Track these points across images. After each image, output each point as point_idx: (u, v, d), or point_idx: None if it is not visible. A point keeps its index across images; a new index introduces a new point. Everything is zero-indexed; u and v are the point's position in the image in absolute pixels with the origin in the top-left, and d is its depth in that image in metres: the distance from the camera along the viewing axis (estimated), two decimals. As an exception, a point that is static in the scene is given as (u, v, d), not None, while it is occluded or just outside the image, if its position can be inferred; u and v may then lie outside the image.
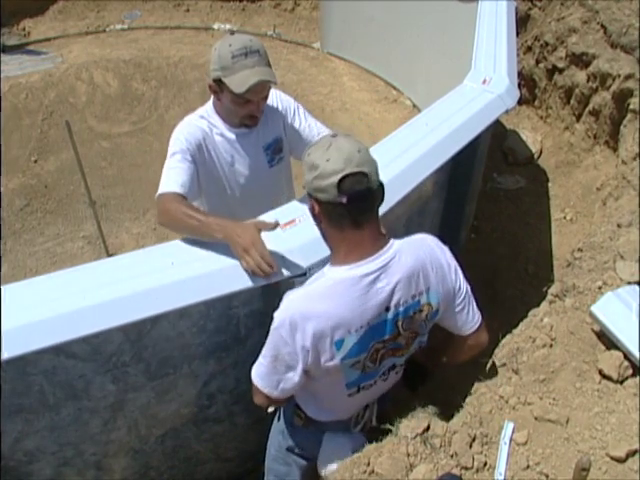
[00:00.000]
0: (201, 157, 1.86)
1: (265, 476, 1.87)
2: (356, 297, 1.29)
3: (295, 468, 1.75)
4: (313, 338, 1.29)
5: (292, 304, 1.32)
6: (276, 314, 1.34)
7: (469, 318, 1.47)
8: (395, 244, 1.34)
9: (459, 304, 1.44)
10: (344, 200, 1.23)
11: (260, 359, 1.42)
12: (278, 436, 1.76)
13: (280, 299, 1.60)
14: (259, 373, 1.42)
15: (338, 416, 1.60)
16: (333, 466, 1.53)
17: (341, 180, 1.22)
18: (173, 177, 1.74)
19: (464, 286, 1.44)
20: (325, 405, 1.58)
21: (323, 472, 1.57)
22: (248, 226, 1.51)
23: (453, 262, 1.42)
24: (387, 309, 1.33)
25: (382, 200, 1.33)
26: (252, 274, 1.52)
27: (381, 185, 1.31)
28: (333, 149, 1.24)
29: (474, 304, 1.48)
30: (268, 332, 1.38)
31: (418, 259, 1.35)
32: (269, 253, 1.48)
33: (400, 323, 1.37)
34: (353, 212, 1.26)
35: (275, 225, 1.51)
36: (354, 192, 1.23)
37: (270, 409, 1.74)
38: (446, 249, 1.43)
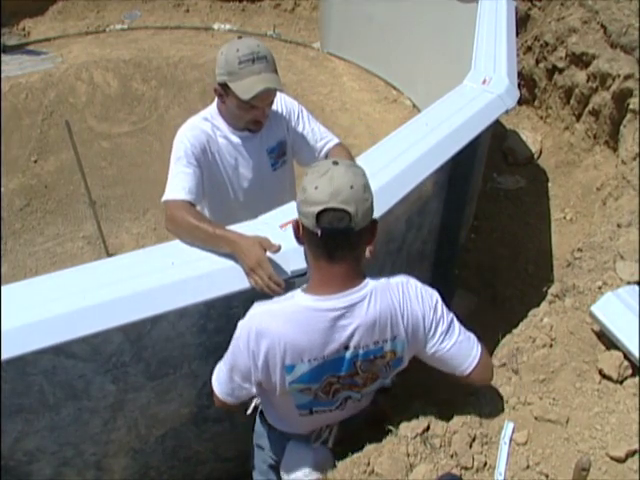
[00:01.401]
0: (205, 160, 1.85)
1: (253, 473, 1.89)
2: (316, 329, 1.26)
3: (273, 469, 1.75)
4: (265, 355, 1.28)
5: (254, 318, 1.31)
6: (239, 323, 1.33)
7: (460, 361, 1.36)
8: (369, 285, 1.28)
9: (444, 349, 1.34)
10: (318, 233, 1.19)
11: (220, 364, 1.44)
12: (255, 434, 1.76)
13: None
14: (217, 378, 1.44)
15: (296, 430, 1.58)
16: (294, 475, 1.54)
17: (320, 213, 1.18)
18: (180, 183, 1.74)
19: (452, 330, 1.35)
20: (282, 417, 1.57)
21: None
22: (254, 244, 1.52)
23: (433, 312, 1.33)
24: (346, 348, 1.29)
25: (373, 236, 1.29)
26: (261, 292, 1.53)
27: (373, 223, 1.27)
28: (326, 178, 1.19)
29: (468, 343, 1.37)
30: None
31: (389, 306, 1.28)
32: (275, 273, 1.50)
33: (359, 364, 1.33)
34: (327, 246, 1.23)
35: (278, 248, 1.51)
36: (330, 228, 1.18)
37: (248, 411, 1.74)
38: (429, 296, 1.34)
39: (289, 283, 1.61)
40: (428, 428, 1.44)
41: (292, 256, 1.60)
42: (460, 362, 1.35)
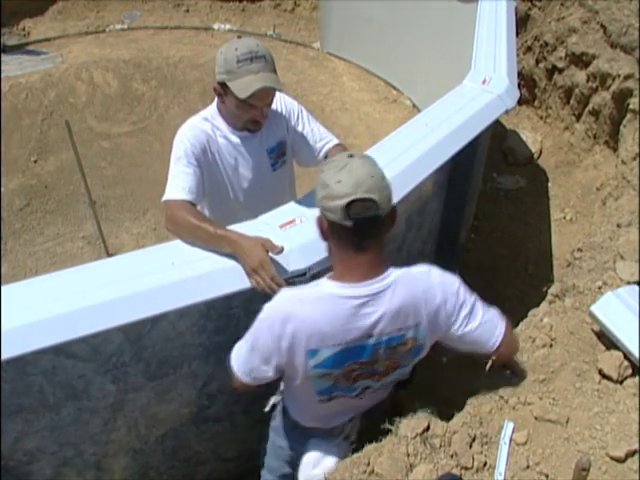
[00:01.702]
0: (205, 160, 1.85)
1: (262, 471, 1.88)
2: (341, 315, 1.29)
3: (288, 466, 1.76)
4: (290, 339, 1.30)
5: (281, 302, 1.33)
6: (266, 306, 1.35)
7: (485, 340, 1.41)
8: (393, 274, 1.31)
9: (469, 331, 1.39)
10: (349, 224, 1.23)
11: (241, 343, 1.44)
12: (271, 433, 1.77)
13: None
14: (236, 356, 1.45)
15: (319, 424, 1.60)
16: (316, 471, 1.54)
17: (348, 205, 1.21)
18: (180, 183, 1.74)
19: (475, 313, 1.39)
20: (303, 409, 1.59)
21: (303, 477, 1.57)
22: (256, 245, 1.52)
23: (455, 298, 1.37)
24: (369, 335, 1.32)
25: (393, 223, 1.33)
26: (262, 293, 1.53)
27: (393, 210, 1.31)
28: (346, 171, 1.24)
29: (492, 322, 1.41)
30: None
31: (412, 295, 1.32)
32: (277, 274, 1.51)
33: (381, 351, 1.36)
34: (356, 237, 1.27)
35: (281, 250, 1.52)
36: (360, 218, 1.23)
37: (266, 408, 1.74)
38: (450, 283, 1.38)
39: (289, 283, 1.61)
40: (428, 428, 1.44)
41: (292, 256, 1.60)
42: (486, 340, 1.41)
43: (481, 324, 1.39)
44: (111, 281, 1.51)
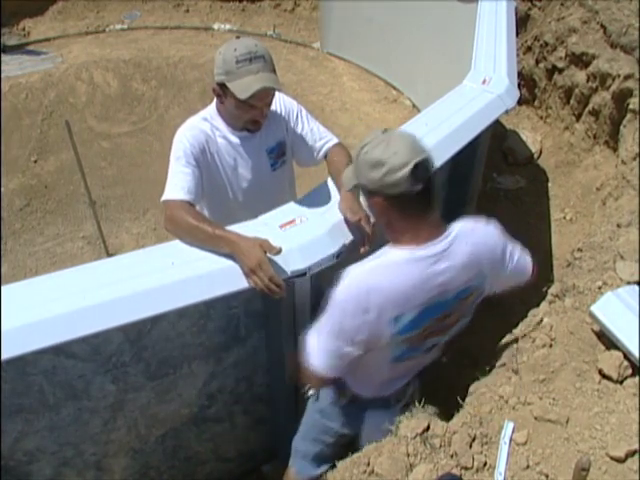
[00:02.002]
0: (204, 160, 1.85)
1: (292, 458, 1.88)
2: (417, 277, 1.33)
3: (327, 448, 1.78)
4: (377, 310, 1.32)
5: (359, 277, 1.34)
6: (339, 289, 1.34)
7: (525, 267, 1.57)
8: (455, 229, 1.37)
9: (516, 265, 1.53)
10: (419, 188, 1.27)
11: (316, 340, 1.43)
12: (314, 415, 1.78)
13: (279, 300, 1.61)
14: (318, 355, 1.43)
15: (380, 392, 1.64)
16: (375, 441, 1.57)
17: (414, 169, 1.24)
18: (179, 183, 1.74)
19: (515, 256, 1.52)
20: (369, 380, 1.62)
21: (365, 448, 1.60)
22: (254, 246, 1.52)
23: (504, 241, 1.48)
24: (444, 292, 1.37)
25: None
26: (260, 293, 1.53)
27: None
28: (395, 143, 1.27)
29: (522, 250, 1.56)
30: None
31: (475, 245, 1.39)
32: (276, 274, 1.51)
33: (453, 306, 1.42)
34: (424, 198, 1.31)
35: (279, 251, 1.52)
36: (427, 178, 1.28)
37: (311, 392, 1.76)
38: (498, 228, 1.48)
39: (289, 283, 1.61)
40: (428, 428, 1.44)
41: (292, 256, 1.60)
42: (525, 266, 1.56)
43: (520, 254, 1.53)
44: (111, 281, 1.51)
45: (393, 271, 1.33)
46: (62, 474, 1.84)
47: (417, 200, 1.30)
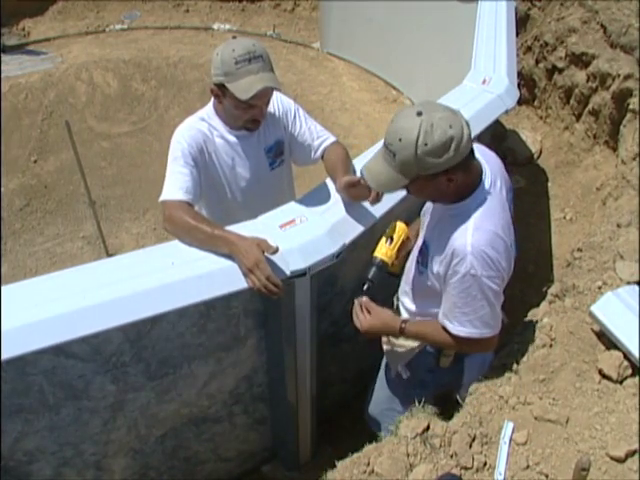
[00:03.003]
0: (202, 160, 1.85)
1: (381, 429, 1.92)
2: (500, 204, 1.49)
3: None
4: (507, 258, 1.45)
5: (495, 241, 1.42)
6: (474, 264, 1.40)
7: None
8: (480, 160, 1.51)
9: None
10: (471, 145, 1.38)
11: (491, 308, 1.47)
12: (410, 391, 1.82)
13: (279, 299, 1.61)
14: (485, 321, 1.48)
15: None
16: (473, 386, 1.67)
17: (468, 127, 1.36)
18: (177, 183, 1.74)
19: None
20: None
21: (463, 396, 1.66)
22: (252, 245, 1.52)
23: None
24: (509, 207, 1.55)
25: None
26: (258, 293, 1.53)
27: None
28: (442, 117, 1.32)
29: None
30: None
31: (494, 159, 1.60)
32: (273, 274, 1.51)
33: None
34: (472, 149, 1.42)
35: (276, 250, 1.53)
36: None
37: (400, 370, 1.84)
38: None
39: (288, 283, 1.61)
40: (428, 428, 1.44)
41: (292, 256, 1.60)
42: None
43: None
44: (111, 281, 1.51)
45: (494, 215, 1.45)
46: (62, 474, 1.84)
47: (472, 151, 1.40)
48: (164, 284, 1.52)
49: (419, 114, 1.31)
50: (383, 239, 1.74)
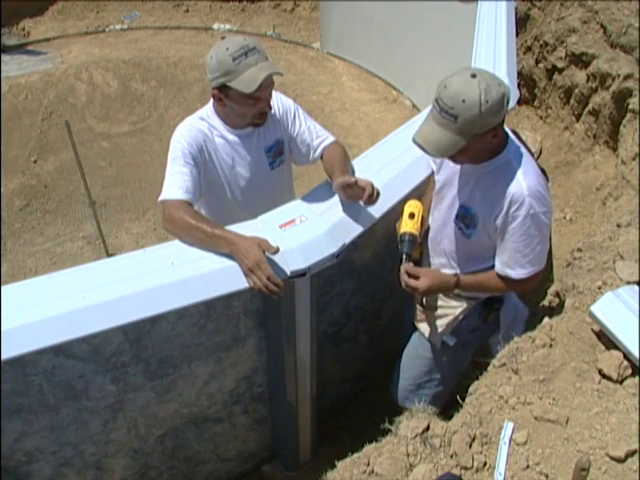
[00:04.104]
0: (202, 159, 1.85)
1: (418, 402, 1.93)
2: (525, 149, 1.60)
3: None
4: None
5: (534, 183, 1.54)
6: (533, 203, 1.53)
7: None
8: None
9: None
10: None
11: (536, 250, 1.60)
12: (451, 357, 1.97)
13: (279, 299, 1.60)
14: (541, 257, 1.64)
15: None
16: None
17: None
18: (177, 182, 1.73)
19: None
20: None
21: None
22: (253, 245, 1.52)
23: None
24: None
25: None
26: (259, 292, 1.53)
27: None
28: (489, 76, 1.45)
29: None
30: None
31: None
32: (274, 273, 1.51)
33: None
34: None
35: (277, 250, 1.53)
36: None
37: (446, 339, 1.93)
38: None
39: (289, 283, 1.61)
40: (428, 428, 1.44)
41: (292, 256, 1.60)
42: None
43: None
44: (111, 281, 1.51)
45: (531, 166, 1.57)
46: (62, 474, 1.84)
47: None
48: (164, 284, 1.52)
49: (474, 76, 1.42)
50: (405, 216, 1.84)
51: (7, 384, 1.51)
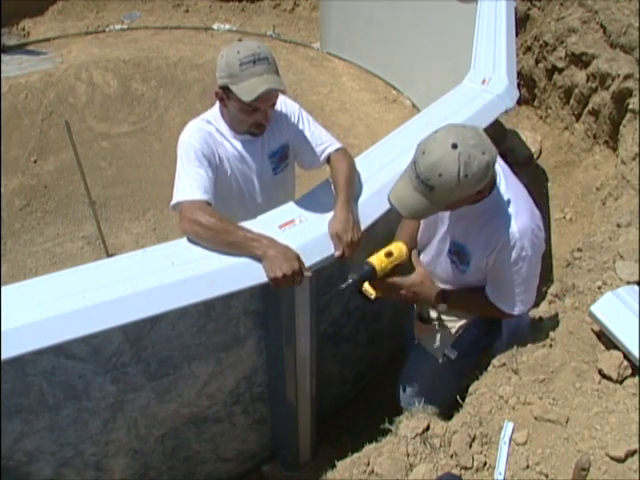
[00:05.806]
0: (214, 161, 1.83)
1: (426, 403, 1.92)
2: (515, 181, 1.62)
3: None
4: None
5: (526, 224, 1.50)
6: (525, 245, 1.49)
7: None
8: None
9: None
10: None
11: (530, 285, 1.60)
12: (455, 367, 1.91)
13: (278, 300, 1.61)
14: (532, 295, 1.63)
15: None
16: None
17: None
18: (195, 183, 1.70)
19: None
20: None
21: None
22: (293, 258, 1.57)
23: None
24: None
25: None
26: (274, 285, 1.57)
27: None
28: (478, 141, 1.38)
29: None
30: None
31: None
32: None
33: None
34: None
35: (309, 270, 1.61)
36: None
37: (447, 352, 1.90)
38: None
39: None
40: (428, 428, 1.44)
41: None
42: None
43: None
44: (111, 281, 1.51)
45: (520, 192, 1.57)
46: (62, 474, 1.84)
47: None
48: (164, 284, 1.52)
49: (454, 146, 1.32)
50: (383, 251, 1.72)
51: (7, 384, 1.51)
